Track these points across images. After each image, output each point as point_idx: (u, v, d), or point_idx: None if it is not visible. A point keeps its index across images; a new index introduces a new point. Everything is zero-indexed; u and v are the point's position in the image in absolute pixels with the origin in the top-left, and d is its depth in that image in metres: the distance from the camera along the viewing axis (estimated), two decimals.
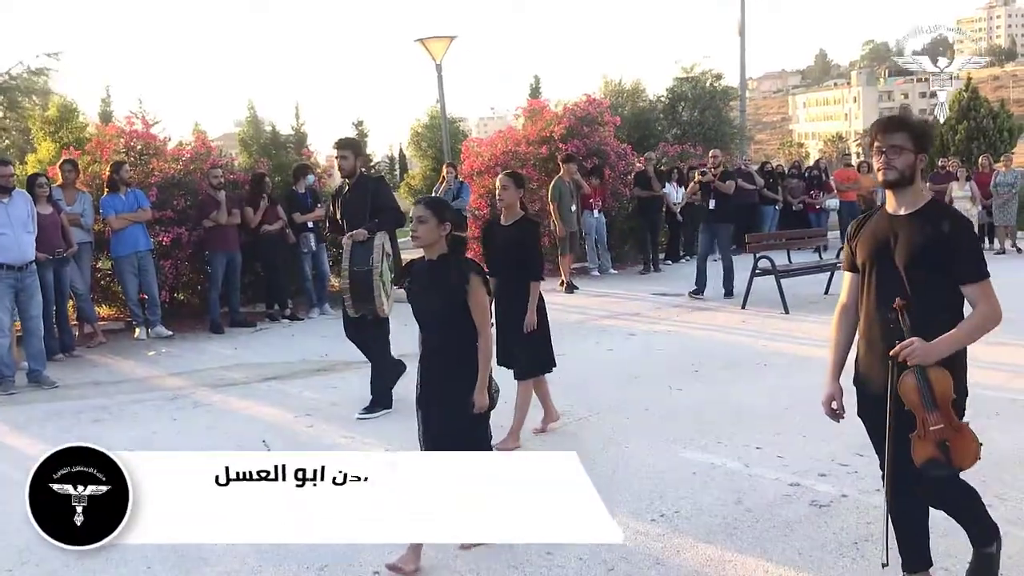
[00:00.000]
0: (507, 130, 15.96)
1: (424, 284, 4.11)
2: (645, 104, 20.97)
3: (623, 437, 5.88)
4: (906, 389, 3.14)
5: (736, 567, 3.96)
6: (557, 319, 10.48)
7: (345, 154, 6.70)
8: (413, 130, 27.33)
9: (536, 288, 5.81)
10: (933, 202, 3.35)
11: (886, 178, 3.24)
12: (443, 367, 4.10)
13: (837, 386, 3.48)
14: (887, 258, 3.27)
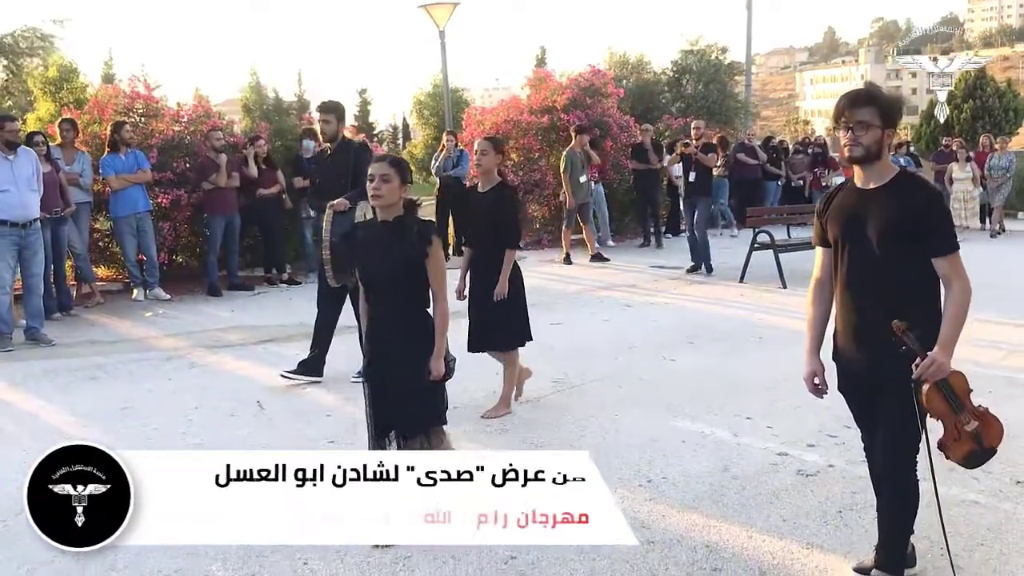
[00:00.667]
0: (510, 99, 15.88)
1: (379, 247, 3.91)
2: (650, 76, 20.86)
3: (615, 405, 5.91)
4: (934, 404, 3.13)
5: (720, 532, 4.00)
6: (553, 289, 10.56)
7: (328, 118, 6.58)
8: (416, 99, 27.23)
9: (511, 256, 5.69)
10: (903, 173, 3.30)
11: (852, 155, 3.18)
12: (397, 334, 3.93)
13: (818, 362, 3.46)
14: (858, 233, 3.23)
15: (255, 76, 16.36)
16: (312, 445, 5.24)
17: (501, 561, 3.74)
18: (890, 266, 3.16)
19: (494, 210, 5.63)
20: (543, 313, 9.11)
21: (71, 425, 5.72)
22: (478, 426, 5.56)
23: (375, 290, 3.99)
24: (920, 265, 3.16)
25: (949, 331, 3.12)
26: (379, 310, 3.98)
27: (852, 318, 3.28)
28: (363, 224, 4.14)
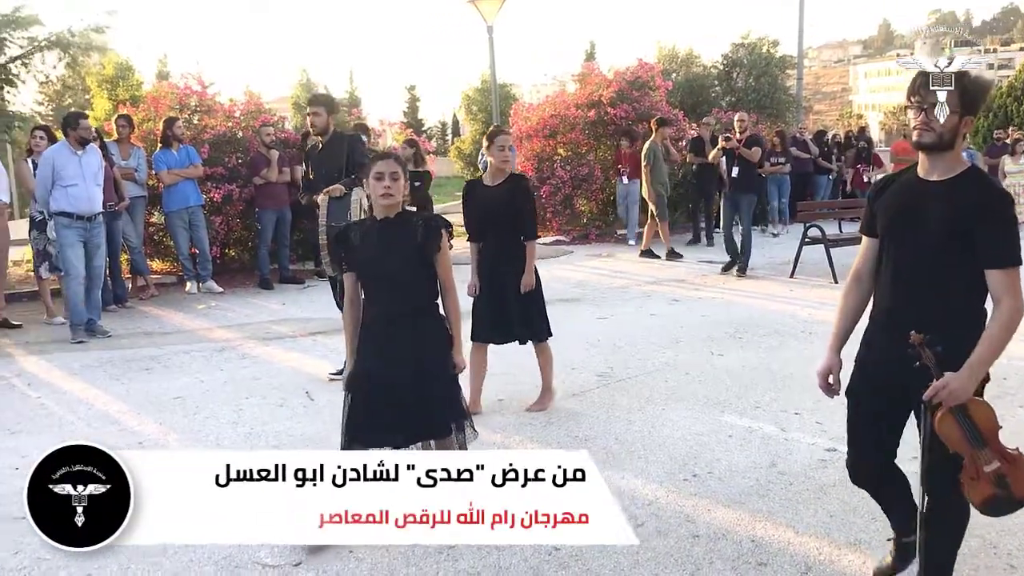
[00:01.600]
0: (556, 94, 15.85)
1: (385, 244, 3.77)
2: (699, 70, 20.66)
3: (661, 399, 5.87)
4: (947, 432, 2.79)
5: (766, 527, 3.95)
6: (600, 283, 10.53)
7: (317, 110, 6.48)
8: (464, 95, 27.30)
9: (533, 248, 5.65)
10: (972, 170, 2.89)
11: (920, 140, 2.82)
12: (410, 334, 3.79)
13: (836, 358, 3.15)
14: (911, 229, 2.89)
15: (305, 74, 16.57)
16: None
17: (545, 552, 3.75)
18: (940, 270, 2.84)
19: (511, 203, 5.54)
20: (589, 307, 9.11)
21: (125, 414, 5.85)
22: (523, 419, 5.57)
23: (382, 289, 3.82)
24: (974, 276, 2.83)
25: (983, 353, 2.76)
26: (386, 310, 3.81)
27: (892, 314, 2.97)
28: (357, 224, 3.96)
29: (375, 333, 3.83)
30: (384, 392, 3.76)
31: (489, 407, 5.78)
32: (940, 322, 2.81)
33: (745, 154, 10.82)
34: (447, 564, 3.69)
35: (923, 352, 2.77)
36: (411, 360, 3.77)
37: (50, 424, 5.71)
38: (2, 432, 5.57)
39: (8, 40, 10.30)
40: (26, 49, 10.68)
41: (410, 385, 3.77)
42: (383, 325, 3.81)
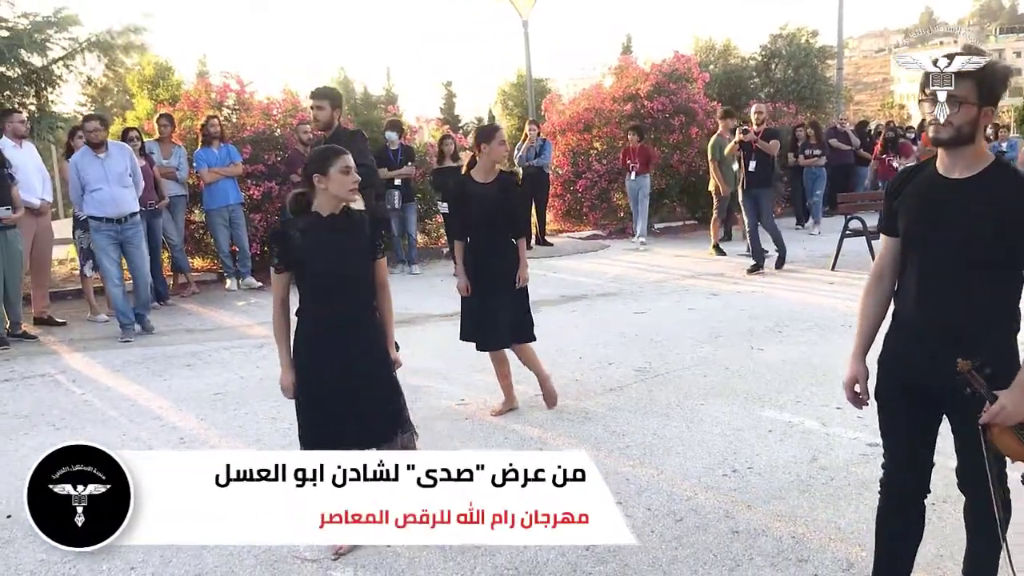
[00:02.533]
0: (592, 88, 15.78)
1: (337, 243, 3.62)
2: (737, 62, 20.48)
3: (700, 394, 5.82)
4: (1005, 443, 2.68)
5: (807, 523, 3.90)
6: (637, 278, 10.47)
7: (321, 104, 6.25)
8: (500, 90, 27.28)
9: (523, 244, 5.59)
10: (997, 164, 2.71)
11: (937, 135, 2.65)
12: (363, 334, 3.70)
13: (862, 367, 3.01)
14: (934, 230, 2.72)
15: (343, 72, 16.70)
16: (460, 438, 5.29)
17: (582, 548, 3.73)
18: (968, 275, 2.67)
19: (508, 200, 5.46)
20: (627, 301, 9.06)
21: (166, 409, 5.93)
22: (560, 414, 5.55)
23: (336, 289, 3.65)
24: (1008, 279, 2.68)
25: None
26: (341, 310, 3.66)
27: (918, 322, 2.80)
28: (295, 222, 3.68)
29: (327, 333, 3.65)
30: (340, 395, 3.65)
31: (527, 402, 5.77)
32: (971, 331, 2.67)
33: (763, 147, 10.39)
34: (484, 559, 3.69)
35: (972, 379, 2.61)
36: (368, 361, 3.71)
37: (93, 419, 5.80)
38: (47, 427, 5.67)
39: (50, 41, 10.44)
40: (68, 50, 10.81)
41: (365, 387, 3.69)
42: (337, 325, 3.65)
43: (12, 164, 8.20)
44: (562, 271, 11.29)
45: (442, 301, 9.44)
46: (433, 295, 9.86)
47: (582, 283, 10.29)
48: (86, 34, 10.73)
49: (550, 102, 15.75)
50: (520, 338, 5.58)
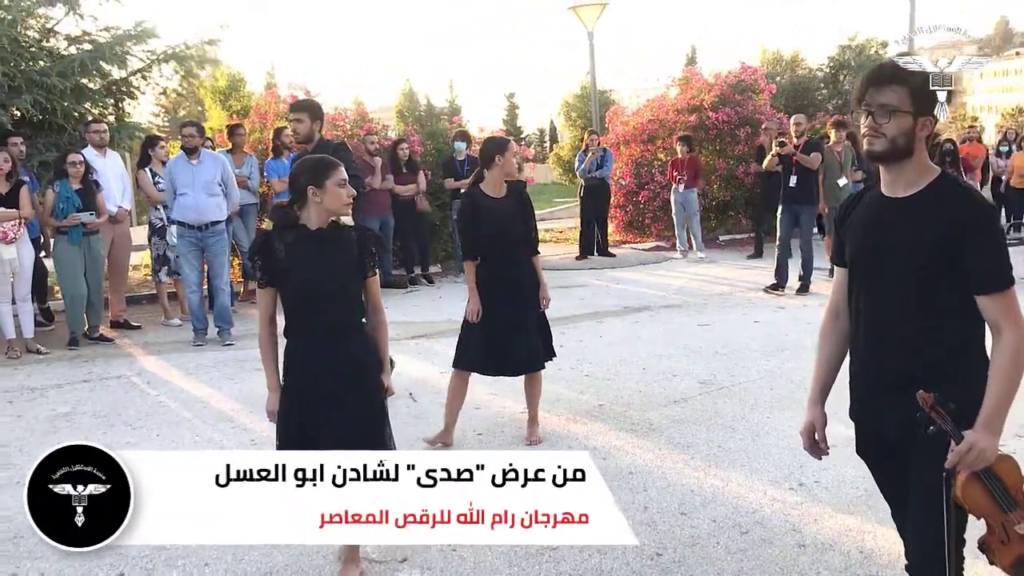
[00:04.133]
0: (656, 99, 15.74)
1: (324, 258, 3.41)
2: (805, 72, 20.21)
3: (766, 407, 5.77)
4: (974, 499, 2.38)
5: (875, 537, 3.84)
6: (701, 290, 10.40)
7: (300, 116, 6.08)
8: (564, 101, 27.40)
9: (538, 261, 5.32)
10: (942, 179, 2.46)
11: (871, 148, 2.43)
12: (349, 359, 3.45)
13: (818, 412, 2.79)
14: (879, 256, 2.49)
15: (408, 84, 16.93)
16: (461, 439, 5.37)
17: (647, 556, 3.73)
18: (919, 304, 2.42)
19: (522, 216, 5.21)
20: (691, 314, 9.01)
21: (238, 412, 6.08)
22: (622, 425, 5.54)
23: (321, 306, 3.43)
24: (962, 304, 2.40)
25: (996, 401, 2.33)
26: (325, 327, 3.44)
27: (868, 364, 2.56)
28: (281, 235, 3.45)
29: (313, 353, 3.46)
30: (323, 423, 3.43)
31: (589, 412, 5.79)
32: (926, 367, 2.42)
33: (803, 160, 9.82)
34: (548, 566, 3.71)
35: (935, 415, 2.32)
36: (355, 386, 3.47)
37: (168, 421, 5.98)
38: (125, 427, 5.86)
39: (130, 54, 10.80)
40: (146, 62, 11.17)
41: (350, 415, 3.46)
42: (324, 346, 3.44)
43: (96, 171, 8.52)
44: (624, 282, 11.27)
45: None
46: None
47: (645, 294, 10.25)
48: (163, 47, 11.06)
49: (614, 114, 15.75)
50: (537, 364, 5.29)
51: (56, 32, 10.87)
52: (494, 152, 5.16)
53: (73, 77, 9.94)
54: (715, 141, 14.45)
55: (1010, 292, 2.36)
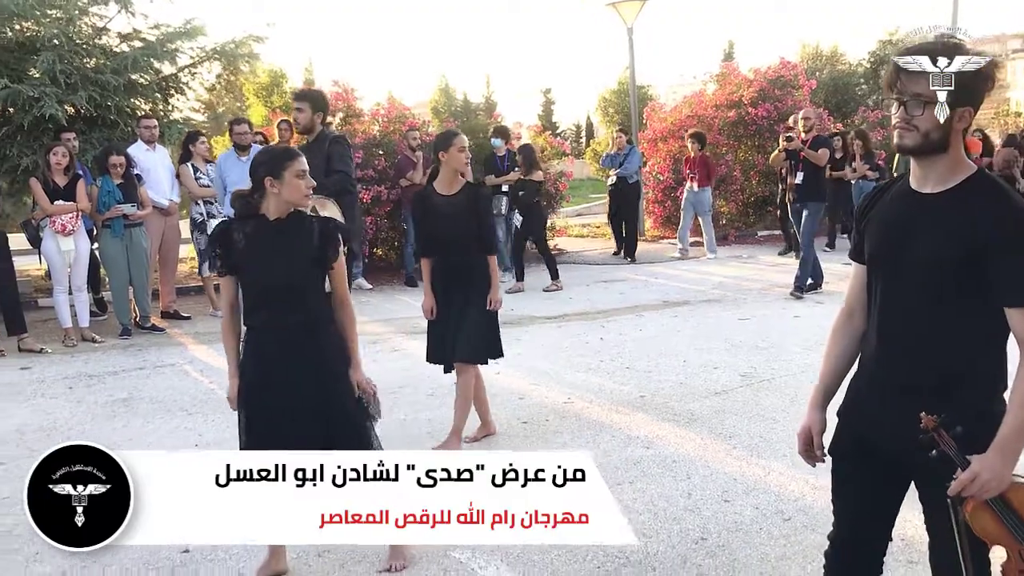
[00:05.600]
0: (694, 94, 15.76)
1: (276, 248, 3.36)
2: (845, 68, 20.13)
3: (807, 400, 5.80)
4: (984, 526, 2.23)
5: (916, 526, 3.86)
6: (740, 285, 10.45)
7: (301, 106, 6.03)
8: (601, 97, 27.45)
9: (494, 261, 5.18)
10: (979, 176, 2.25)
11: (901, 143, 2.23)
12: (308, 346, 3.39)
13: (817, 416, 2.59)
14: (900, 255, 2.29)
15: (444, 79, 17.07)
16: (505, 426, 5.51)
17: (692, 541, 3.84)
18: (937, 309, 2.23)
19: (473, 214, 5.06)
20: (730, 308, 9.07)
21: None
22: (664, 415, 5.64)
23: (270, 298, 3.40)
24: (985, 313, 2.20)
25: (1015, 424, 2.14)
26: (279, 319, 3.39)
27: (875, 367, 2.40)
28: (239, 223, 3.44)
29: (267, 341, 3.42)
30: (282, 403, 3.41)
31: (633, 403, 5.89)
32: (943, 380, 2.24)
33: (810, 156, 9.52)
34: (595, 547, 3.82)
35: (939, 438, 2.17)
36: (316, 380, 3.41)
37: (221, 407, 6.14)
38: (181, 413, 6.06)
39: (179, 51, 11.05)
40: (194, 59, 11.41)
41: (312, 402, 3.42)
42: (281, 339, 3.41)
43: (141, 165, 8.76)
44: (663, 277, 11.34)
45: (546, 304, 9.65)
46: (536, 299, 10.07)
47: (684, 289, 10.32)
48: (211, 43, 11.30)
49: (651, 110, 15.80)
50: (471, 354, 5.13)
51: (108, 30, 11.15)
52: (438, 148, 5.10)
53: (126, 73, 10.20)
54: (754, 137, 14.45)
55: None
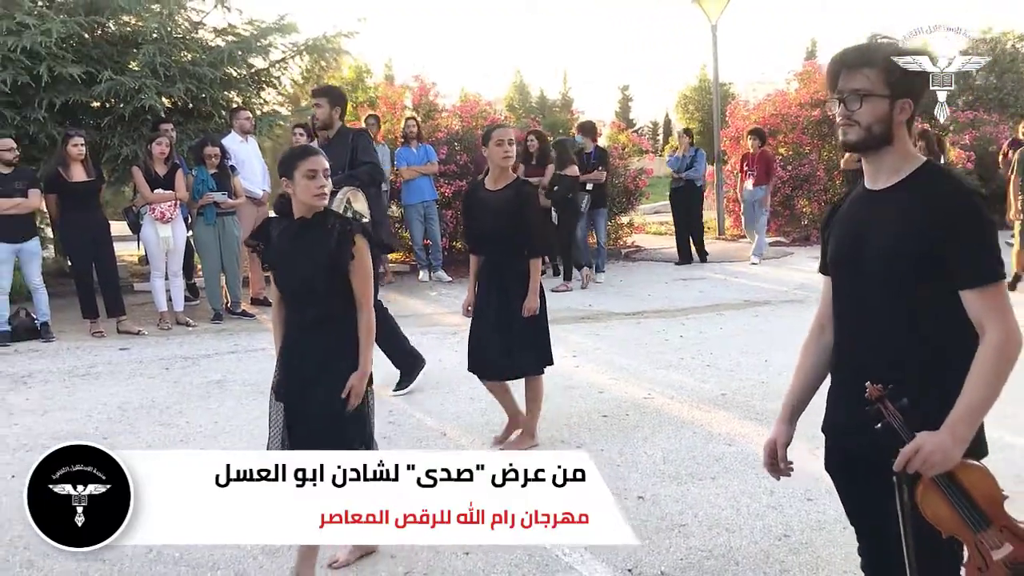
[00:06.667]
0: (777, 93, 15.57)
1: (298, 248, 3.38)
2: None
3: None
4: (935, 511, 2.12)
5: None
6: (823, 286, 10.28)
7: (319, 102, 6.04)
8: (681, 94, 27.28)
9: (538, 265, 4.93)
10: (925, 167, 2.24)
11: (845, 139, 2.25)
12: (319, 350, 3.39)
13: (783, 429, 2.52)
14: (856, 255, 2.26)
15: (519, 75, 17.19)
16: (585, 420, 5.60)
17: (775, 537, 3.87)
18: (899, 306, 2.19)
19: (513, 212, 4.85)
20: (812, 309, 8.92)
21: (377, 387, 6.41)
22: (747, 415, 5.64)
23: (290, 299, 3.48)
24: (948, 307, 2.15)
25: (967, 404, 2.09)
26: (296, 324, 3.46)
27: (844, 374, 2.36)
28: (277, 221, 3.50)
29: (287, 343, 3.50)
30: (293, 415, 3.47)
31: (714, 400, 5.91)
32: (910, 375, 2.18)
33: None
34: (679, 540, 3.89)
35: (884, 408, 2.13)
36: (315, 383, 3.42)
37: None
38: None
39: (272, 46, 11.38)
40: (285, 54, 11.74)
41: (306, 411, 3.45)
42: (293, 336, 3.48)
43: (236, 156, 9.08)
44: (743, 276, 11.28)
45: (623, 301, 9.69)
46: (614, 294, 10.12)
47: (765, 289, 10.24)
48: (304, 39, 11.60)
49: (734, 108, 15.66)
50: (527, 368, 5.02)
51: (204, 24, 11.54)
52: (483, 143, 5.01)
53: (221, 67, 10.56)
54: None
55: (996, 287, 2.12)
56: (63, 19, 9.50)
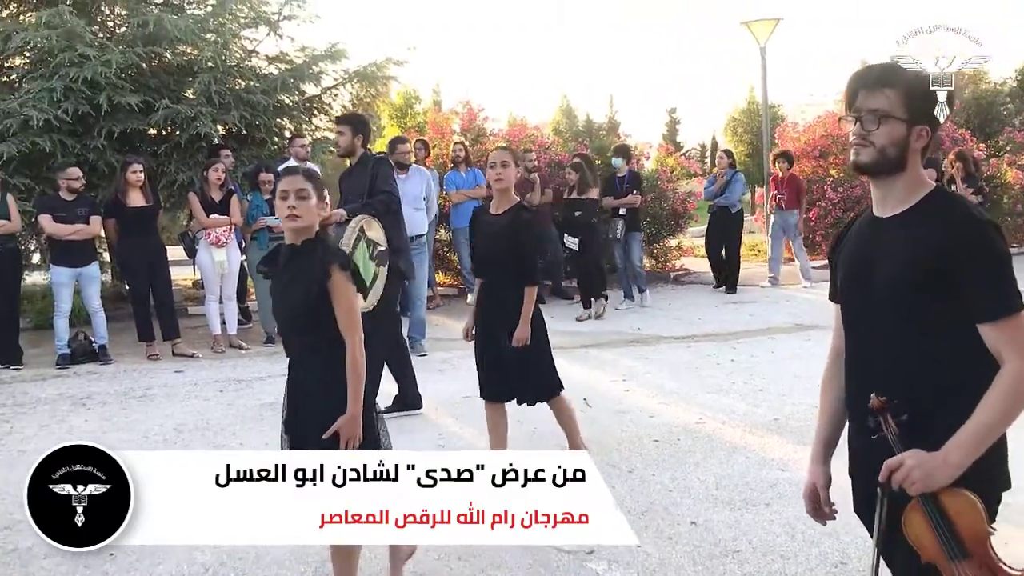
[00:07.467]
0: (826, 115, 15.43)
1: (284, 275, 3.26)
2: (988, 87, 19.29)
3: None
4: (916, 532, 2.07)
5: None
6: None
7: (342, 129, 6.11)
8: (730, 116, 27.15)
9: (532, 294, 4.75)
10: (936, 193, 2.17)
11: (857, 159, 2.16)
12: (308, 385, 3.25)
13: (821, 470, 2.42)
14: (868, 283, 2.19)
15: (565, 99, 17.24)
16: (636, 444, 5.56)
17: (831, 564, 3.81)
18: (910, 338, 2.12)
19: (508, 236, 4.72)
20: None
21: (426, 409, 6.48)
22: (799, 438, 5.57)
23: (282, 327, 3.41)
24: (962, 338, 2.08)
25: (973, 429, 2.02)
26: (289, 355, 3.34)
27: (858, 410, 2.25)
28: (280, 247, 3.39)
29: (288, 373, 3.36)
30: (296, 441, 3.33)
31: (766, 425, 5.84)
32: (925, 397, 2.12)
33: None
34: (732, 567, 3.84)
35: (884, 421, 2.10)
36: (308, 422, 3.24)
37: None
38: None
39: (323, 73, 11.58)
40: (336, 81, 11.93)
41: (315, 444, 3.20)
42: (289, 370, 3.34)
43: None
44: (795, 300, 11.15)
45: (672, 324, 9.64)
46: (664, 318, 10.07)
47: (816, 312, 10.10)
48: (355, 66, 11.79)
49: (783, 130, 15.55)
50: (536, 396, 4.99)
51: (257, 52, 11.79)
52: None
53: (274, 94, 10.76)
54: None
55: (1017, 319, 2.03)
56: (122, 50, 9.76)
